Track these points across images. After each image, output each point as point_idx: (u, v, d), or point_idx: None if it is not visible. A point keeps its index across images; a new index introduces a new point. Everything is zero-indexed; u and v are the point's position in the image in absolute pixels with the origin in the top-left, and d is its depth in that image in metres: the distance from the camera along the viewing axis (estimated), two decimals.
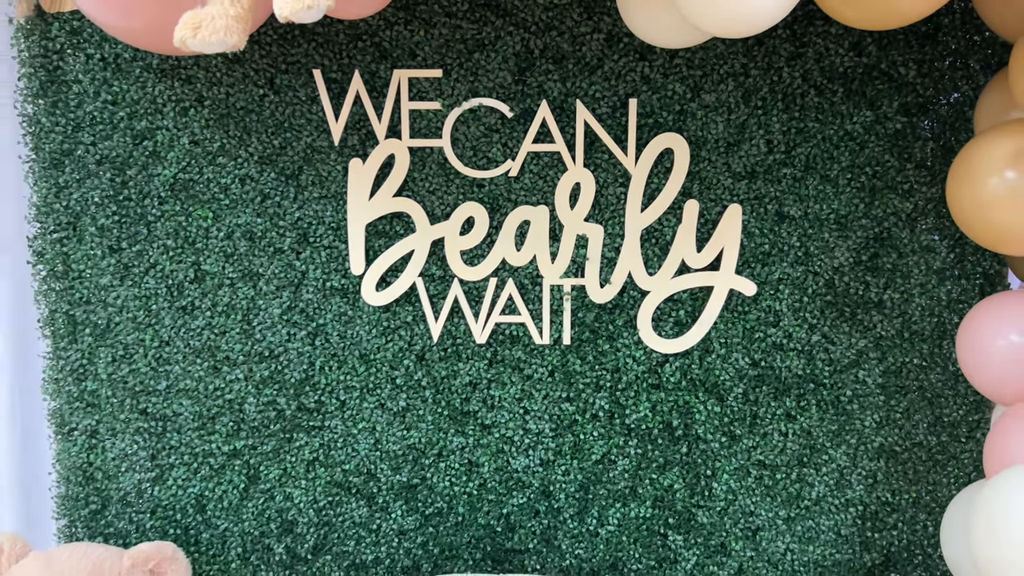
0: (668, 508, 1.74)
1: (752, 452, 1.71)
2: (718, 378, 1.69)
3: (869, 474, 1.70)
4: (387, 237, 1.68)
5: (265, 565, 1.78)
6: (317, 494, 1.76)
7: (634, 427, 1.71)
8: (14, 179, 1.76)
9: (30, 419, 2.08)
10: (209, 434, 1.73)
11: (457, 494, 1.76)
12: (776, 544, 1.74)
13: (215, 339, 1.71)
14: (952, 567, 1.54)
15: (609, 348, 1.69)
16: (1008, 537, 1.15)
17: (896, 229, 1.64)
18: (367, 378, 1.72)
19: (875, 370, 1.67)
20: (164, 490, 1.75)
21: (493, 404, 1.73)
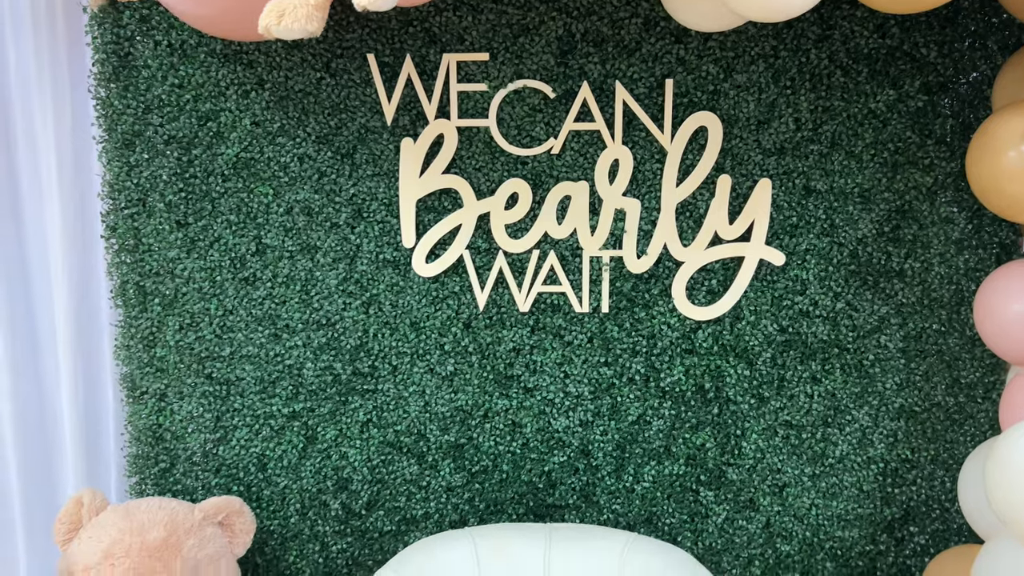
0: (700, 466, 1.85)
1: (779, 413, 1.82)
2: (748, 343, 1.80)
3: (890, 433, 1.81)
4: (436, 212, 1.78)
5: (322, 520, 1.90)
6: (371, 453, 1.87)
7: (668, 390, 1.82)
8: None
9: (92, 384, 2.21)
10: (270, 397, 1.85)
11: (501, 453, 1.87)
12: (802, 499, 1.85)
13: (275, 308, 1.82)
14: (969, 518, 1.64)
15: (645, 316, 1.79)
16: (1021, 480, 1.26)
17: (917, 202, 1.73)
18: (417, 344, 1.83)
19: (896, 335, 1.77)
20: (228, 450, 1.88)
21: (535, 369, 1.84)
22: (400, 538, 1.90)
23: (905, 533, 1.85)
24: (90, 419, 2.23)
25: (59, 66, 1.87)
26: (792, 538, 1.86)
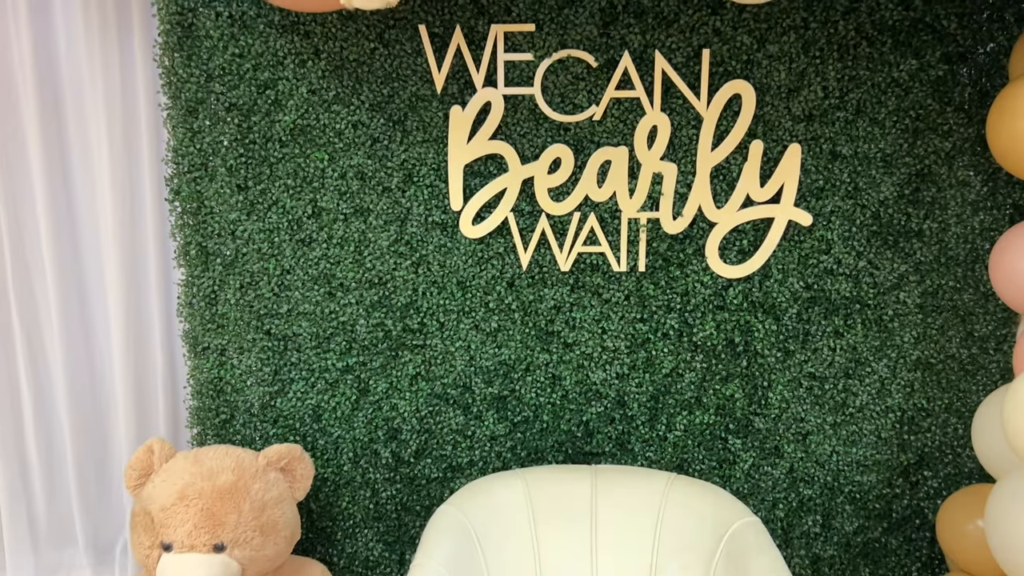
0: (729, 415, 1.98)
1: (804, 365, 1.94)
2: (775, 300, 1.91)
3: (907, 384, 1.93)
4: (482, 176, 1.88)
5: (373, 468, 2.02)
6: (419, 404, 1.99)
7: (700, 344, 1.94)
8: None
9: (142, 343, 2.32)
10: (325, 352, 1.96)
11: (542, 404, 1.99)
12: (823, 446, 1.98)
13: (330, 268, 1.92)
14: (983, 459, 1.77)
15: (680, 274, 1.91)
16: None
17: (936, 166, 1.84)
18: (463, 302, 1.94)
19: (914, 292, 1.89)
20: (285, 402, 1.99)
21: (575, 325, 1.95)
22: (446, 484, 2.03)
23: (919, 477, 1.98)
24: (140, 378, 2.34)
25: (108, 30, 1.96)
26: (814, 482, 1.99)
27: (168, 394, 2.36)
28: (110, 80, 2.09)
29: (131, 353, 2.31)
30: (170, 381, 2.36)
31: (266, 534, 1.77)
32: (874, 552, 2.01)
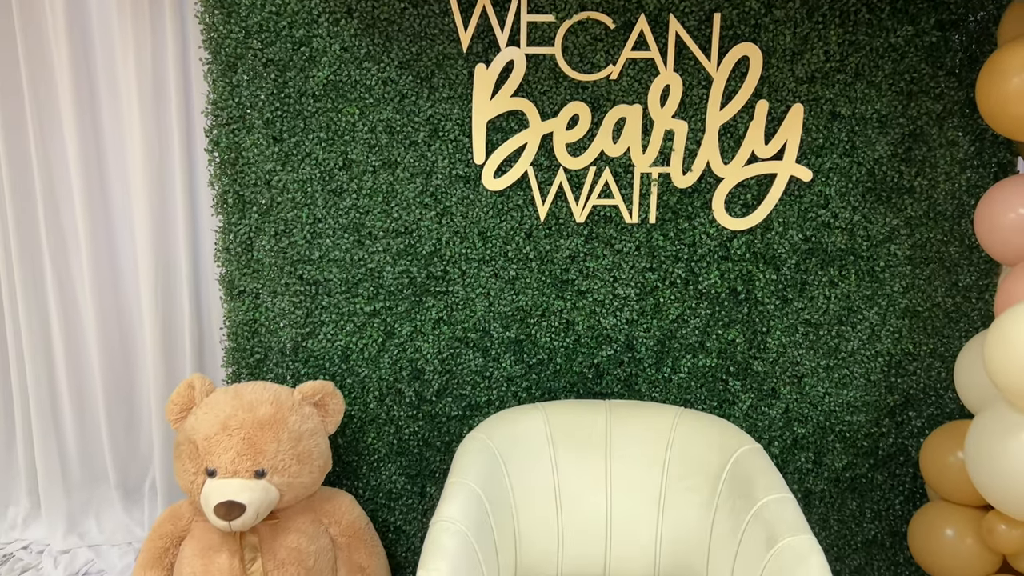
0: (730, 359, 2.12)
1: (801, 312, 2.09)
2: (776, 251, 2.05)
3: (895, 330, 2.09)
4: (504, 132, 2.00)
5: (397, 406, 2.16)
6: (441, 347, 2.12)
7: (705, 292, 2.08)
8: None
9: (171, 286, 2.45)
10: (353, 297, 2.09)
11: (556, 347, 2.12)
12: (817, 388, 2.13)
13: (360, 217, 2.04)
14: (963, 398, 1.92)
15: (688, 226, 2.04)
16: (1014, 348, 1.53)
17: (927, 126, 1.98)
18: (484, 251, 2.07)
19: (904, 244, 2.04)
20: (315, 343, 2.11)
21: (588, 273, 2.08)
22: (465, 422, 2.16)
23: (904, 417, 2.14)
24: (167, 323, 2.46)
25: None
26: (807, 422, 2.15)
27: (194, 338, 2.48)
28: (140, 33, 2.20)
29: (159, 299, 2.43)
30: (196, 326, 2.49)
31: (302, 462, 1.90)
32: (861, 486, 2.18)
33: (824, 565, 1.36)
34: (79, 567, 2.45)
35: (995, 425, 1.69)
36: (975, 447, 1.72)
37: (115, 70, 2.34)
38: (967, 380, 1.90)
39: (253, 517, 1.81)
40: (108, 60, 2.34)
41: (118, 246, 2.49)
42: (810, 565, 1.36)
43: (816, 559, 1.37)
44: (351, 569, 2.01)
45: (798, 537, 1.42)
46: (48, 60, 2.33)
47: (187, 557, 1.92)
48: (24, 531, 2.59)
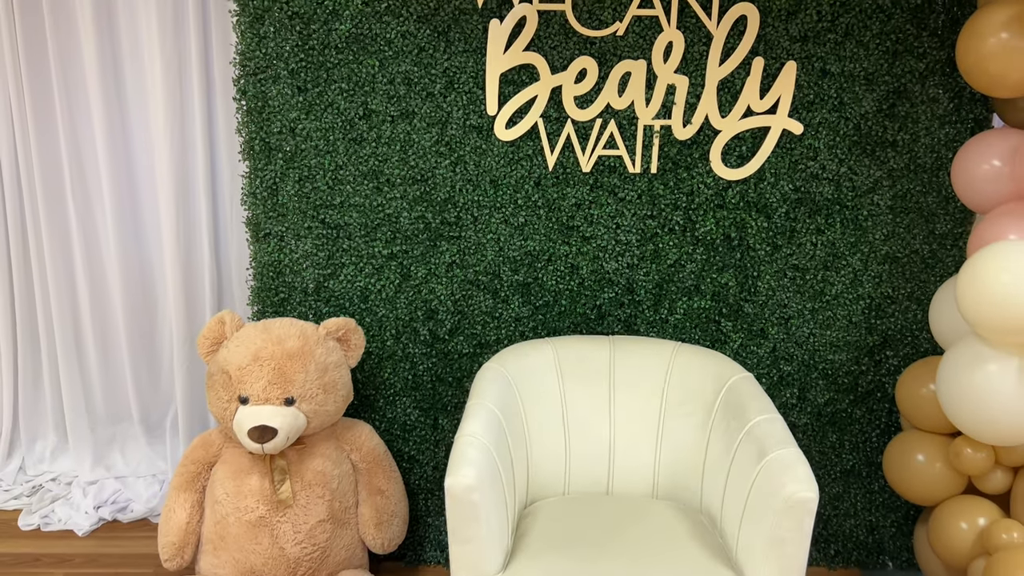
0: (722, 301, 2.28)
1: (789, 258, 2.24)
2: (768, 200, 2.20)
3: (876, 275, 2.25)
4: (516, 84, 2.12)
5: (412, 343, 2.30)
6: (454, 289, 2.26)
7: (701, 238, 2.23)
8: None
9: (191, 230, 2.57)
10: (372, 240, 2.22)
11: (561, 290, 2.27)
12: (803, 329, 2.29)
13: (379, 165, 2.16)
14: (937, 335, 2.09)
15: (686, 176, 2.18)
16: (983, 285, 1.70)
17: (910, 84, 2.12)
18: (495, 199, 2.20)
19: (886, 195, 2.19)
20: (337, 284, 2.24)
21: (592, 220, 2.22)
22: (476, 359, 2.31)
23: (882, 356, 2.31)
24: (187, 266, 2.58)
25: None
26: (793, 360, 2.31)
27: (213, 280, 2.61)
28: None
29: (180, 242, 2.55)
30: (215, 268, 2.61)
31: (327, 392, 2.04)
32: (841, 420, 2.36)
33: (809, 472, 1.53)
34: (107, 496, 2.60)
35: (964, 357, 1.86)
36: (946, 378, 1.89)
37: (136, 19, 2.43)
38: (940, 319, 2.07)
39: (284, 440, 1.96)
40: (129, 8, 2.42)
41: (139, 191, 2.60)
42: (797, 472, 1.53)
43: (802, 468, 1.54)
44: (371, 492, 2.16)
45: (786, 449, 1.59)
46: (70, 6, 2.41)
47: (219, 479, 2.07)
48: (52, 464, 2.73)
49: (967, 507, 1.99)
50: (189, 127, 2.48)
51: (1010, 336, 1.73)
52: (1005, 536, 1.86)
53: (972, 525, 1.96)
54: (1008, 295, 1.69)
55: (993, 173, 1.95)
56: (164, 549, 2.08)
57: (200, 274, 2.60)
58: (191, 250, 2.59)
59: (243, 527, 2.01)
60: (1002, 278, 1.70)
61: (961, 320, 1.99)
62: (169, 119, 2.44)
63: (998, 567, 1.80)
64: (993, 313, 1.73)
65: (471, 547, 1.54)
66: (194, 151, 2.49)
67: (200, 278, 2.61)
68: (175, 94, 2.42)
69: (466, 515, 1.53)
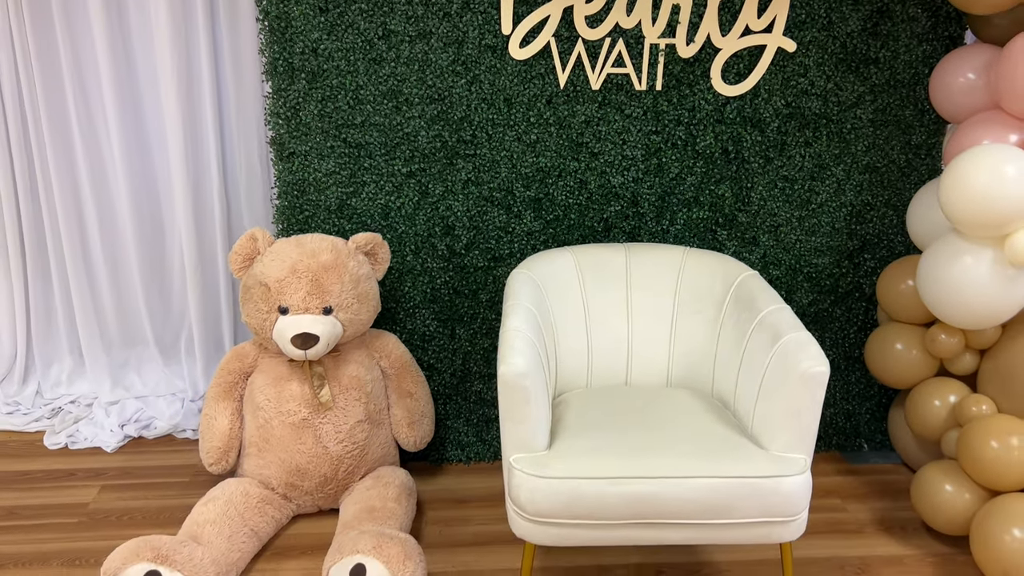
0: (719, 211, 2.45)
1: (780, 170, 2.42)
2: (762, 115, 2.36)
3: (858, 184, 2.45)
4: (529, 4, 2.21)
5: (430, 258, 2.42)
6: (470, 205, 2.38)
7: (701, 152, 2.39)
8: None
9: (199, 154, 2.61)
10: (392, 159, 2.31)
11: (571, 204, 2.41)
12: (790, 236, 2.49)
13: (398, 85, 2.25)
14: (914, 237, 2.31)
15: (689, 92, 2.32)
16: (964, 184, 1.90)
17: (892, 3, 2.28)
18: (509, 116, 2.31)
19: (868, 108, 2.38)
20: (359, 201, 2.34)
21: (600, 137, 2.35)
22: (490, 272, 2.45)
23: (861, 259, 2.53)
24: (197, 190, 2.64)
25: None
26: (781, 265, 2.52)
27: (223, 205, 2.67)
28: None
29: (188, 166, 2.59)
30: (223, 192, 2.66)
31: (361, 302, 2.16)
32: (823, 319, 2.58)
33: (820, 350, 1.73)
34: (130, 415, 2.68)
35: (943, 252, 2.07)
36: (926, 272, 2.11)
37: None
38: (917, 222, 2.29)
39: (324, 347, 2.08)
40: None
41: (145, 116, 2.62)
42: (810, 350, 1.73)
43: (814, 347, 1.74)
44: (401, 395, 2.31)
45: (799, 332, 1.79)
46: None
47: (259, 387, 2.18)
48: (70, 387, 2.78)
49: (940, 387, 2.24)
50: (194, 49, 2.50)
51: (986, 230, 1.95)
52: (975, 408, 2.11)
53: (944, 402, 2.21)
54: (985, 193, 1.90)
55: (968, 86, 2.15)
56: (208, 454, 2.20)
57: (209, 198, 2.65)
58: (199, 174, 2.63)
59: (287, 429, 2.13)
60: (981, 178, 1.91)
61: (936, 221, 2.21)
62: (174, 42, 2.45)
63: (969, 435, 2.05)
64: (972, 210, 1.94)
65: (524, 427, 1.71)
66: (199, 74, 2.52)
67: (209, 202, 2.66)
68: (179, 18, 2.43)
69: (518, 399, 1.68)
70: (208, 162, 2.61)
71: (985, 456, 1.99)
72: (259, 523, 2.09)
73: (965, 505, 2.08)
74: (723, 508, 1.68)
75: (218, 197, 2.64)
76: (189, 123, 2.56)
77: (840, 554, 2.15)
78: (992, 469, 1.99)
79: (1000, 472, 1.98)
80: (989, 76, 2.11)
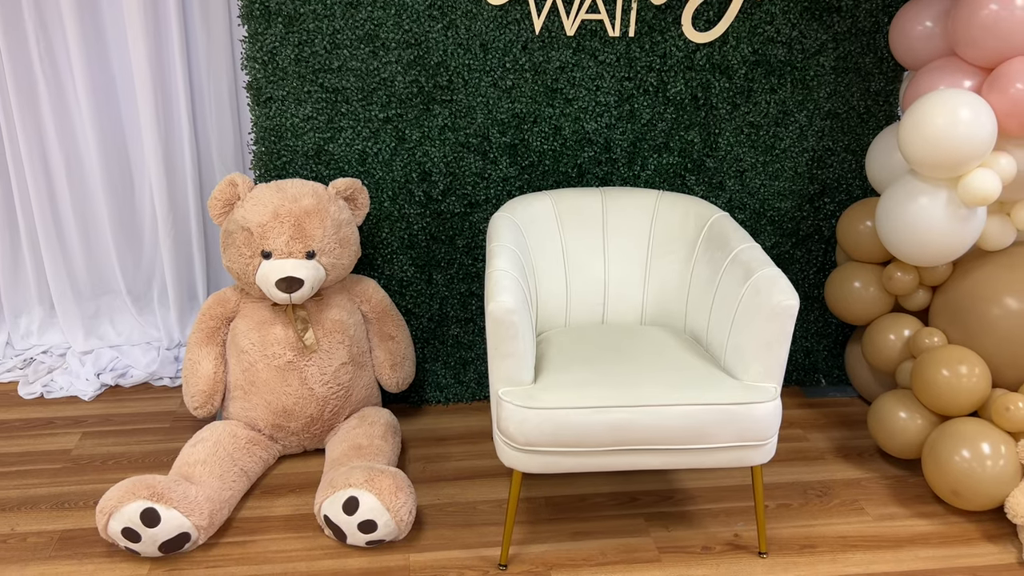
0: (688, 157, 2.53)
1: (746, 116, 2.50)
2: (730, 62, 2.43)
3: (819, 130, 2.55)
4: None
5: (408, 204, 2.45)
6: (447, 151, 2.41)
7: (671, 98, 2.45)
8: None
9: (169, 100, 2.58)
10: (369, 104, 2.32)
11: (545, 151, 2.46)
12: (755, 181, 2.58)
13: (375, 29, 2.25)
14: (873, 180, 2.42)
15: (660, 39, 2.37)
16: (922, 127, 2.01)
17: None
18: (485, 62, 2.33)
19: (831, 56, 2.46)
20: (336, 147, 2.35)
21: (575, 83, 2.40)
22: (467, 218, 2.49)
23: (821, 203, 2.64)
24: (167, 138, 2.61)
25: None
26: (746, 209, 2.61)
27: (193, 153, 2.65)
28: None
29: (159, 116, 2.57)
30: (194, 140, 2.65)
31: (343, 247, 2.19)
32: (785, 260, 2.70)
33: (790, 285, 1.83)
34: (105, 364, 2.68)
35: (901, 193, 2.19)
36: (884, 212, 2.23)
37: None
38: (875, 165, 2.40)
39: (309, 290, 2.11)
40: None
41: (112, 64, 2.57)
42: (781, 285, 1.82)
43: (784, 281, 1.84)
44: (383, 338, 2.36)
45: (770, 268, 1.88)
46: None
47: (242, 331, 2.21)
48: (41, 337, 2.76)
49: (895, 322, 2.38)
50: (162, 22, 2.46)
51: (942, 171, 2.06)
52: (927, 341, 2.25)
53: (899, 336, 2.35)
54: (942, 135, 2.01)
55: (926, 33, 2.25)
56: (194, 398, 2.22)
57: (180, 145, 2.63)
58: (169, 121, 2.61)
59: (272, 372, 2.17)
60: (937, 121, 2.01)
61: (893, 165, 2.32)
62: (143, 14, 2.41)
63: (921, 365, 2.19)
64: (929, 151, 2.05)
65: (511, 361, 1.78)
66: (167, 18, 2.48)
67: (180, 149, 2.64)
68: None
69: (506, 334, 1.75)
70: (178, 109, 2.58)
71: (936, 383, 2.14)
72: (248, 463, 2.14)
73: (918, 430, 2.23)
74: (699, 434, 1.78)
75: (188, 144, 2.62)
76: (157, 68, 2.53)
77: (803, 479, 2.29)
78: (942, 395, 2.13)
79: (950, 398, 2.13)
80: (946, 24, 2.21)
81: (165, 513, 1.84)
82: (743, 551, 1.99)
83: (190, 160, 2.64)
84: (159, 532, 1.84)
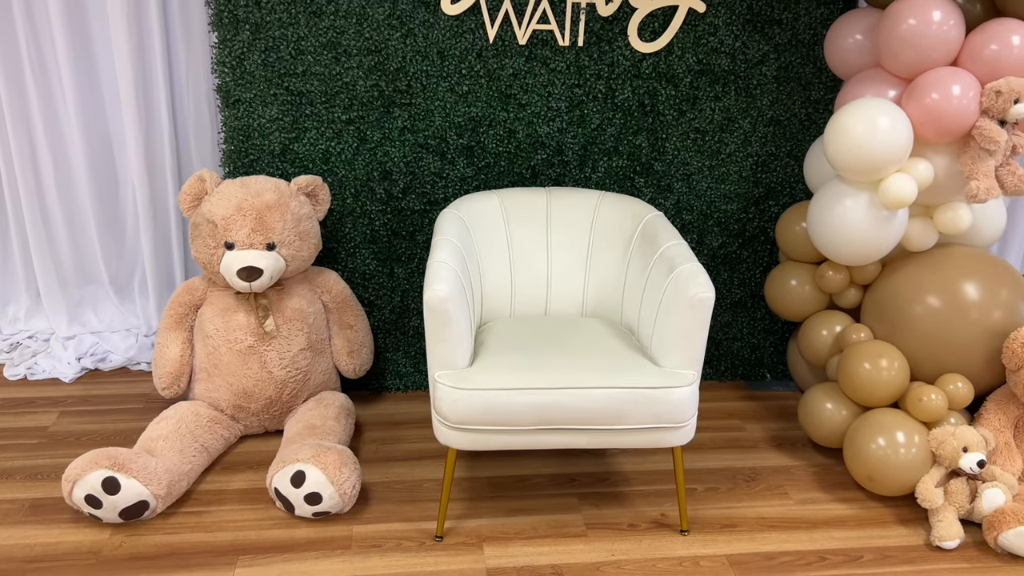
0: (636, 160, 2.67)
1: (692, 122, 2.64)
2: (675, 71, 2.57)
3: (763, 136, 2.68)
4: None
5: (369, 201, 2.60)
6: (406, 152, 2.56)
7: (620, 105, 2.59)
8: None
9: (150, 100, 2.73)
10: (332, 107, 2.47)
11: (500, 152, 2.60)
12: (702, 184, 2.72)
13: (337, 37, 2.40)
14: (809, 183, 2.56)
15: (608, 49, 2.52)
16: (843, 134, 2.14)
17: None
18: (442, 68, 2.48)
19: (773, 66, 2.60)
20: (301, 147, 2.50)
21: (527, 89, 2.54)
22: (426, 215, 2.64)
23: (766, 205, 2.78)
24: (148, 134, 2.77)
25: None
26: (693, 211, 2.75)
27: (173, 151, 2.81)
28: None
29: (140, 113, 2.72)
30: (174, 139, 2.80)
31: (303, 240, 2.34)
32: (731, 261, 2.83)
33: (708, 279, 1.96)
34: (86, 349, 2.84)
35: (827, 196, 2.32)
36: (813, 213, 2.36)
37: None
38: (811, 170, 2.53)
39: (268, 280, 2.26)
40: None
41: (99, 64, 2.73)
42: (699, 279, 1.96)
43: (703, 276, 1.97)
44: (342, 327, 2.50)
45: (691, 263, 2.02)
46: None
47: (208, 318, 2.36)
48: (27, 323, 2.92)
49: (828, 319, 2.51)
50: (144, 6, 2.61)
51: (863, 176, 2.19)
52: (854, 336, 2.38)
53: (831, 332, 2.48)
54: (862, 142, 2.14)
55: (856, 46, 2.38)
56: (161, 379, 2.38)
57: (160, 143, 2.79)
58: (150, 121, 2.76)
59: (234, 356, 2.32)
60: (858, 129, 2.14)
61: (826, 170, 2.45)
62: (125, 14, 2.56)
63: (846, 358, 2.32)
64: (851, 157, 2.18)
65: (446, 346, 1.92)
66: (149, 24, 2.64)
67: (160, 147, 2.79)
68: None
69: (440, 321, 1.89)
70: (159, 109, 2.74)
71: (858, 376, 2.26)
72: (209, 440, 2.28)
73: (842, 420, 2.36)
74: (618, 415, 1.92)
75: (168, 142, 2.78)
76: (140, 72, 2.68)
77: (735, 465, 2.42)
78: (864, 387, 2.26)
79: (871, 390, 2.25)
80: (873, 37, 2.34)
81: (125, 482, 1.98)
82: (666, 529, 2.12)
83: (170, 159, 2.79)
84: (119, 499, 1.98)
